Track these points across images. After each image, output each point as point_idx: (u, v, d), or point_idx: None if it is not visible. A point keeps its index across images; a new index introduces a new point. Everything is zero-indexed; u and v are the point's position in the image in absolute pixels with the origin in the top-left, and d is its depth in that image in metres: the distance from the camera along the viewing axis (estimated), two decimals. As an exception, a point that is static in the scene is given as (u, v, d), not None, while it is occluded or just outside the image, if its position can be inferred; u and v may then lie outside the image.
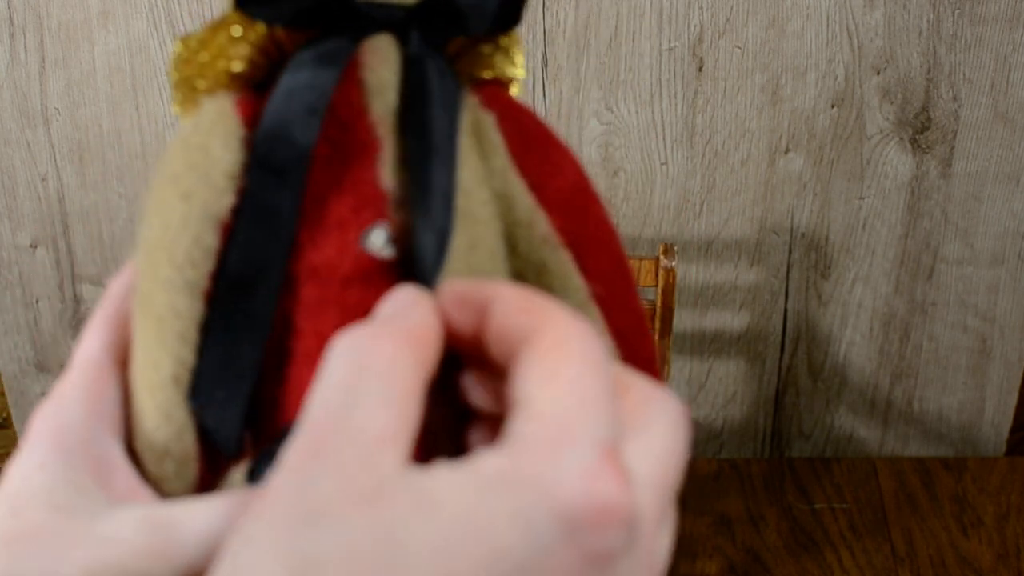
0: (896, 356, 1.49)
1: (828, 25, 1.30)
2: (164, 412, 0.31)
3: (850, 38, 1.31)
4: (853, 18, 1.29)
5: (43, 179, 1.37)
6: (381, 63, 0.33)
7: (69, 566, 0.28)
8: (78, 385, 0.32)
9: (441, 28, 0.34)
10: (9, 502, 0.30)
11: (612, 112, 1.35)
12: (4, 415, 1.32)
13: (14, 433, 1.39)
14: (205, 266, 0.32)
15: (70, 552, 0.28)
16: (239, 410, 0.32)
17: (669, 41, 1.31)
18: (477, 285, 0.29)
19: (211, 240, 0.32)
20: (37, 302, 1.43)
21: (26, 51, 1.31)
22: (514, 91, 0.37)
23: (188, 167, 0.32)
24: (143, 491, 0.31)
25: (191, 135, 0.33)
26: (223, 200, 0.32)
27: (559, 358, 0.26)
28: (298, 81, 0.32)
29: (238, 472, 0.32)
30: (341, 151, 0.32)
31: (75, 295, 1.44)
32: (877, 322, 1.47)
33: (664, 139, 1.36)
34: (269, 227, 0.31)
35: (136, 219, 1.49)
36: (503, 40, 0.36)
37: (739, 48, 1.31)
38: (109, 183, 1.36)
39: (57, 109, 1.33)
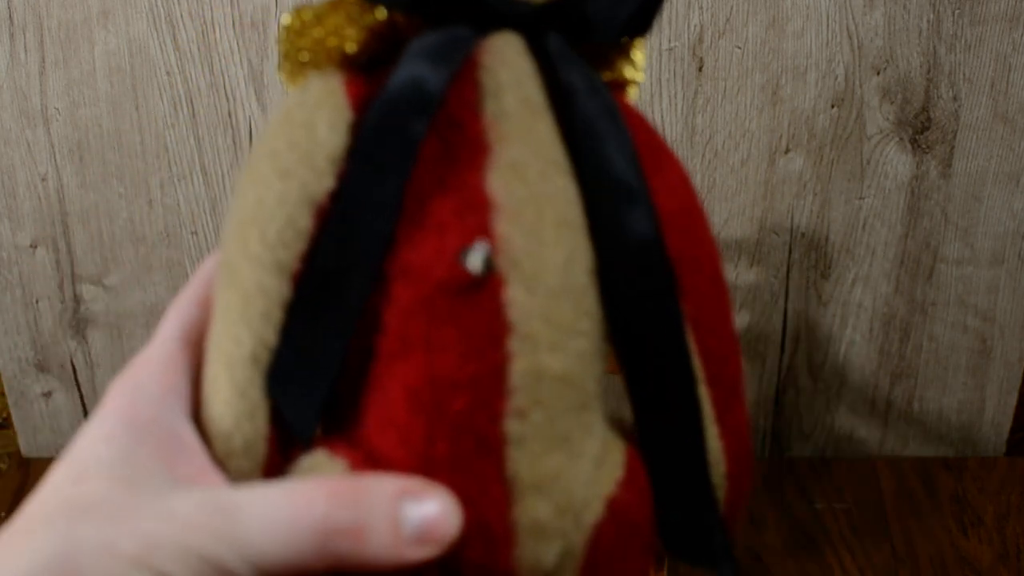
0: (896, 356, 1.49)
1: (828, 25, 1.30)
2: (239, 389, 0.30)
3: (850, 38, 1.31)
4: (853, 18, 1.29)
5: (43, 179, 1.37)
6: (501, 65, 0.31)
7: (127, 538, 0.27)
8: (155, 361, 0.32)
9: (569, 32, 0.32)
10: (73, 470, 0.29)
11: (612, 112, 1.35)
12: (4, 415, 1.32)
13: (14, 433, 1.39)
14: (296, 248, 0.30)
15: (129, 524, 0.28)
16: (317, 400, 0.30)
17: (669, 41, 1.31)
18: None
19: (306, 223, 0.30)
20: (37, 302, 1.42)
21: (26, 51, 1.31)
22: (632, 94, 0.35)
23: (290, 144, 0.31)
24: (212, 474, 0.30)
25: (295, 111, 0.31)
26: (323, 183, 0.30)
27: None
28: (413, 72, 0.30)
29: (307, 460, 0.31)
30: (449, 150, 0.31)
31: (75, 295, 1.44)
32: (877, 322, 1.46)
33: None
34: (368, 218, 0.30)
35: (137, 219, 1.48)
36: (626, 42, 0.34)
37: (739, 48, 1.31)
38: (109, 183, 1.35)
39: (57, 109, 1.33)
